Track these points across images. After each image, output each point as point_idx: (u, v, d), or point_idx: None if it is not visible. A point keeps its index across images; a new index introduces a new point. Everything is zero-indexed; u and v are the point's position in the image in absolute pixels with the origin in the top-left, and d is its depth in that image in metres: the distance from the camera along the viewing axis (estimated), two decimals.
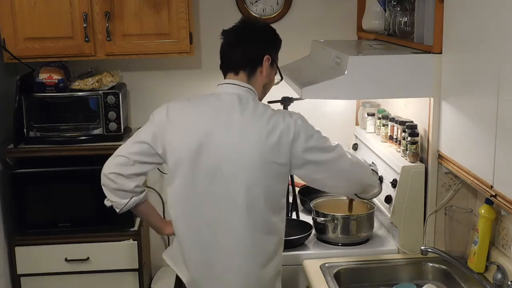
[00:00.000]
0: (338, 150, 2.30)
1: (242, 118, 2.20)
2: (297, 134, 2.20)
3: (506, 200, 1.99)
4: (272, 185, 2.21)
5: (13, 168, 3.30)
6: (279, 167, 2.19)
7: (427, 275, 2.61)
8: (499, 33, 1.99)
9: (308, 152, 2.22)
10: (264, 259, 2.26)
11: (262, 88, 2.35)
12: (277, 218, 2.27)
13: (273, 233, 2.27)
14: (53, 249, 3.33)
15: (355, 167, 2.36)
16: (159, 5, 3.24)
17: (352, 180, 2.39)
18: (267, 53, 2.31)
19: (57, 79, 3.28)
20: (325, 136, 2.29)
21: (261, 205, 2.20)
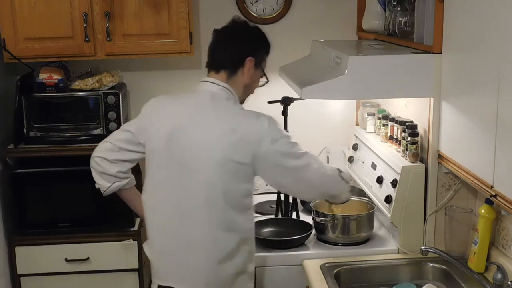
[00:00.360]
0: (305, 158, 2.31)
1: (209, 115, 2.28)
2: (261, 136, 2.24)
3: (506, 200, 1.99)
4: (232, 183, 2.25)
5: (13, 168, 3.30)
6: (240, 166, 2.23)
7: (427, 275, 2.61)
8: (499, 33, 1.99)
9: (272, 155, 2.24)
10: (222, 255, 2.29)
11: (243, 88, 2.40)
12: (241, 217, 2.30)
13: (234, 231, 2.30)
14: (53, 249, 3.33)
15: (321, 177, 2.38)
16: (159, 5, 3.24)
17: (317, 189, 2.43)
18: (250, 54, 2.36)
19: (57, 79, 3.28)
20: (294, 142, 2.31)
21: (220, 201, 2.25)
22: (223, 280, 2.32)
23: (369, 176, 3.00)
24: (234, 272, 2.33)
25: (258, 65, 2.40)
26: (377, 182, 2.85)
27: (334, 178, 2.44)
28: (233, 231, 2.30)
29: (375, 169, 2.94)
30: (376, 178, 2.87)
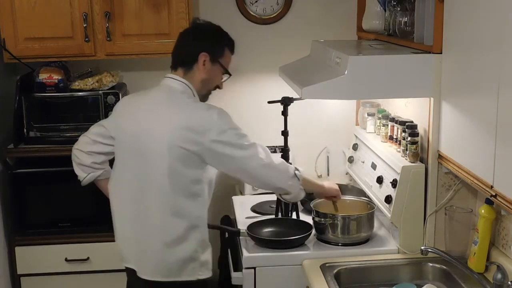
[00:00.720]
0: (251, 149, 2.44)
1: (164, 107, 2.46)
2: (209, 126, 2.38)
3: (506, 200, 1.99)
4: (180, 169, 2.39)
5: (13, 168, 3.30)
6: (187, 153, 2.37)
7: (427, 275, 2.61)
8: (499, 33, 1.99)
9: (218, 145, 2.38)
10: (170, 240, 2.42)
11: (200, 83, 2.52)
12: (189, 203, 2.43)
13: (182, 217, 2.42)
14: (53, 249, 3.34)
15: (265, 168, 2.48)
16: (159, 5, 3.24)
17: (261, 180, 2.53)
18: (203, 50, 2.49)
19: (57, 79, 3.28)
20: (241, 134, 2.44)
21: (167, 186, 2.39)
22: (171, 264, 2.44)
23: (369, 176, 3.00)
24: (182, 258, 2.43)
25: (215, 60, 2.52)
26: (377, 182, 2.85)
27: (281, 172, 2.53)
28: (181, 216, 2.42)
29: (375, 169, 2.94)
30: (376, 178, 2.87)
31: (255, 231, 2.83)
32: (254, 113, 3.64)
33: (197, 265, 2.47)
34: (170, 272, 2.45)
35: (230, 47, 2.59)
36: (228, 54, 2.58)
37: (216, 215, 3.18)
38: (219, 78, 2.59)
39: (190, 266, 2.45)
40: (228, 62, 2.59)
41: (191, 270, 2.46)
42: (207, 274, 2.51)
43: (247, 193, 3.46)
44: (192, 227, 2.44)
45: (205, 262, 2.49)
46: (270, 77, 3.55)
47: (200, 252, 2.47)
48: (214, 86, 2.60)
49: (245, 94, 3.64)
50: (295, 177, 2.57)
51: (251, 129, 3.57)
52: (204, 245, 2.50)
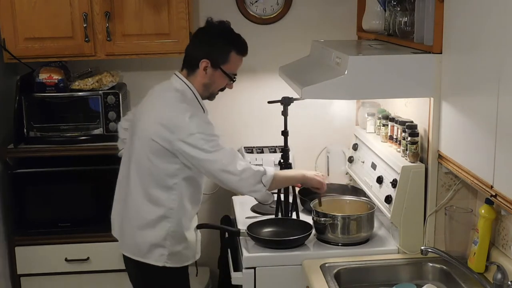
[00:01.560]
0: (215, 154, 2.53)
1: (154, 102, 2.66)
2: (179, 127, 2.52)
3: (506, 200, 1.99)
4: (155, 161, 2.57)
5: (13, 168, 3.30)
6: (161, 148, 2.55)
7: (427, 275, 2.61)
8: (499, 33, 1.99)
9: (186, 145, 2.52)
10: (141, 223, 2.63)
11: (202, 86, 2.65)
12: (163, 194, 2.60)
13: (156, 205, 2.61)
14: (53, 249, 3.34)
15: (227, 174, 2.56)
16: (159, 5, 3.24)
17: (225, 184, 2.61)
18: (204, 57, 2.61)
19: (57, 79, 3.28)
20: (209, 139, 2.53)
21: (145, 174, 2.61)
22: (140, 245, 2.64)
23: (369, 176, 3.00)
24: (150, 242, 2.62)
25: (217, 66, 2.62)
26: (377, 182, 2.85)
27: (244, 179, 2.57)
28: (154, 205, 2.61)
29: (375, 169, 2.94)
30: (376, 178, 2.87)
31: (255, 231, 2.83)
32: (254, 113, 3.65)
33: (165, 252, 2.62)
34: (139, 252, 2.65)
35: (238, 50, 2.65)
36: (234, 59, 2.64)
37: (216, 215, 3.18)
38: (222, 82, 2.68)
39: (158, 252, 2.62)
40: (234, 66, 2.67)
41: (158, 256, 2.63)
42: (175, 264, 2.66)
43: None
44: (163, 217, 2.61)
45: (176, 253, 2.64)
46: (270, 77, 3.55)
47: (169, 242, 2.62)
48: (219, 88, 2.70)
49: (245, 94, 3.64)
50: (259, 183, 2.60)
51: (251, 129, 3.61)
52: (175, 236, 2.63)
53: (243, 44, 2.68)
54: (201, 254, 2.81)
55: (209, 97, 2.72)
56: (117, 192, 2.80)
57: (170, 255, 2.63)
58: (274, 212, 3.06)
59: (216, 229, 2.97)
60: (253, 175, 2.59)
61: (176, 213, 2.62)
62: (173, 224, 2.62)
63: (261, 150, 3.52)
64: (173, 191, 2.61)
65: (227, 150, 2.57)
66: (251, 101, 3.65)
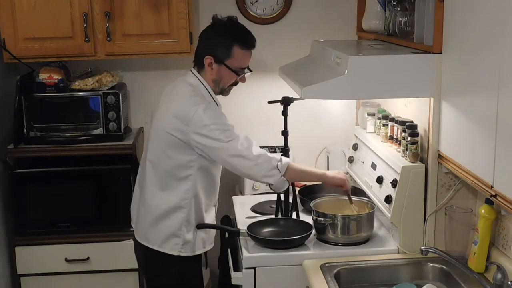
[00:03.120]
0: (230, 143, 2.59)
1: (169, 97, 2.74)
2: (194, 119, 2.57)
3: (506, 200, 1.99)
4: (169, 152, 2.64)
5: (13, 168, 3.30)
6: (176, 140, 2.61)
7: (427, 275, 2.61)
8: (499, 33, 1.99)
9: (200, 136, 2.58)
10: (156, 213, 2.70)
11: (212, 82, 2.71)
12: (176, 185, 2.66)
13: (170, 195, 2.68)
14: (53, 249, 3.34)
15: (243, 159, 2.61)
16: (159, 5, 3.24)
17: (240, 170, 2.67)
18: (208, 54, 2.67)
19: (57, 79, 3.28)
20: (223, 129, 2.59)
21: (160, 166, 2.68)
22: (156, 235, 2.71)
23: (369, 176, 3.00)
24: (165, 232, 2.69)
25: (221, 62, 2.66)
26: (377, 182, 2.85)
27: (259, 164, 2.62)
28: (170, 195, 2.68)
29: (375, 169, 2.94)
30: (376, 178, 2.87)
31: (255, 231, 2.83)
32: (254, 113, 3.65)
33: (179, 241, 2.69)
34: (155, 241, 2.71)
35: (241, 45, 2.67)
36: (238, 54, 2.67)
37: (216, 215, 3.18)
38: (230, 77, 2.71)
39: (173, 241, 2.69)
40: (239, 61, 2.69)
41: (173, 245, 2.69)
42: (189, 252, 2.71)
43: (247, 193, 3.46)
44: (178, 207, 2.68)
45: (188, 241, 2.70)
46: (270, 77, 3.55)
47: (184, 231, 2.69)
48: (229, 84, 2.73)
49: (245, 94, 3.64)
50: (275, 169, 2.64)
51: (251, 129, 3.61)
52: (189, 226, 2.70)
53: (247, 38, 2.70)
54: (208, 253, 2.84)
55: (222, 92, 2.76)
56: (136, 183, 2.89)
57: (184, 244, 2.70)
58: (274, 212, 3.06)
59: (216, 229, 2.97)
60: (268, 160, 2.64)
61: (190, 203, 2.68)
62: (186, 214, 2.68)
63: None
64: (187, 182, 2.66)
65: (242, 138, 2.62)
66: (251, 101, 3.65)
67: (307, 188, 3.28)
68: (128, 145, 3.32)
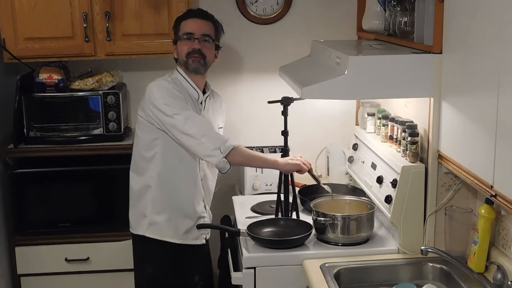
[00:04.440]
0: (176, 117, 2.73)
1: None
2: (150, 95, 2.79)
3: (506, 200, 1.99)
4: (138, 133, 2.86)
5: (13, 168, 3.30)
6: (141, 119, 2.84)
7: (427, 275, 2.61)
8: (499, 33, 1.99)
9: (153, 109, 2.76)
10: (132, 195, 2.90)
11: (178, 64, 2.93)
12: (146, 164, 2.84)
13: (141, 175, 2.86)
14: (53, 249, 3.34)
15: (184, 135, 2.74)
16: (159, 5, 3.24)
17: (186, 147, 2.79)
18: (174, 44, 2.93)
19: (57, 79, 3.28)
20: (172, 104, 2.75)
21: (135, 149, 2.90)
22: (132, 218, 2.90)
23: (369, 176, 3.00)
24: (137, 212, 2.87)
25: (175, 42, 2.91)
26: (377, 182, 2.85)
27: (202, 143, 2.73)
28: (140, 175, 2.86)
29: (375, 169, 2.94)
30: (376, 178, 2.87)
31: (255, 231, 2.83)
32: (254, 113, 3.65)
33: (146, 221, 2.84)
34: (133, 225, 2.91)
35: (184, 17, 2.89)
36: (183, 25, 2.87)
37: (216, 215, 3.18)
38: (182, 47, 2.86)
39: (141, 222, 2.86)
40: (184, 29, 2.86)
41: (141, 225, 2.86)
42: (156, 235, 2.83)
43: (247, 193, 3.46)
44: (146, 186, 2.83)
45: (154, 222, 2.83)
46: (270, 77, 3.55)
47: (150, 211, 2.83)
48: (185, 53, 2.84)
49: (245, 94, 3.64)
50: (217, 150, 2.73)
51: (251, 129, 3.61)
52: (156, 206, 2.83)
53: (192, 11, 2.94)
54: None
55: (187, 67, 2.87)
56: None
57: (151, 225, 2.83)
58: (274, 212, 3.06)
59: (216, 229, 2.97)
60: (212, 140, 2.75)
61: (156, 182, 2.82)
62: (154, 193, 2.82)
63: (261, 150, 3.52)
64: (153, 161, 2.82)
65: (188, 115, 2.75)
66: (251, 101, 3.65)
67: (307, 188, 3.28)
68: (128, 145, 3.31)
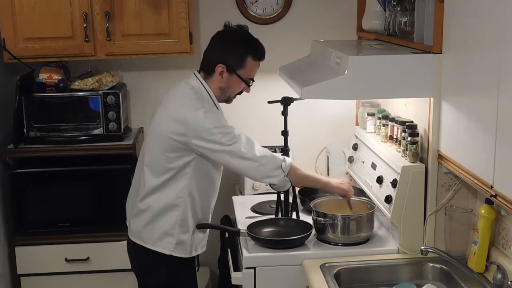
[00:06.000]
0: (233, 146, 2.60)
1: (171, 99, 2.70)
2: (196, 123, 2.57)
3: (506, 200, 1.99)
4: (167, 154, 2.63)
5: (13, 168, 3.30)
6: (175, 143, 2.60)
7: (427, 275, 2.61)
8: (499, 33, 1.99)
9: (202, 140, 2.58)
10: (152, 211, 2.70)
11: (219, 90, 2.70)
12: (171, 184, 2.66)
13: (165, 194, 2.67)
14: (53, 249, 3.34)
15: (244, 160, 2.62)
16: (159, 5, 3.24)
17: (240, 171, 2.72)
18: (220, 62, 2.65)
19: (57, 79, 3.28)
20: (225, 132, 2.60)
21: (157, 165, 2.67)
22: (149, 233, 2.71)
23: (369, 176, 3.00)
24: (159, 230, 2.68)
25: (233, 71, 2.66)
26: (377, 182, 2.85)
27: (262, 165, 2.64)
28: (165, 193, 2.67)
29: (375, 169, 2.94)
30: (376, 178, 2.87)
31: (255, 231, 2.83)
32: (254, 113, 3.65)
33: (173, 241, 2.68)
34: (149, 240, 2.70)
35: (254, 56, 2.69)
36: (250, 64, 2.69)
37: (216, 215, 3.17)
38: (238, 87, 2.73)
39: (166, 241, 2.68)
40: (250, 71, 2.70)
41: (166, 244, 2.69)
42: (182, 253, 2.70)
43: (247, 193, 3.46)
44: (172, 205, 2.67)
45: (182, 241, 2.69)
46: (270, 77, 3.54)
47: (178, 231, 2.68)
48: (235, 93, 2.75)
49: (245, 94, 3.63)
50: (279, 169, 2.66)
51: (251, 129, 3.60)
52: (183, 225, 2.69)
53: (260, 49, 2.71)
54: (201, 254, 2.82)
55: (226, 100, 2.77)
56: (132, 182, 2.90)
57: (177, 244, 2.69)
58: (274, 212, 3.06)
59: (216, 229, 2.97)
60: (272, 161, 2.66)
61: (185, 201, 2.67)
62: (182, 213, 2.68)
63: None
64: (183, 180, 2.66)
65: (244, 139, 2.63)
66: (251, 101, 3.64)
67: (307, 188, 3.28)
68: (128, 145, 3.32)
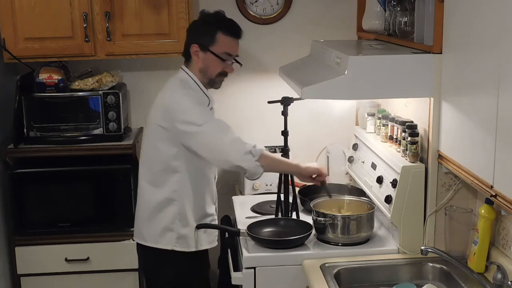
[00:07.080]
0: (204, 126, 2.61)
1: (162, 92, 2.76)
2: (174, 106, 2.64)
3: (506, 200, 1.99)
4: (158, 144, 2.68)
5: (13, 168, 3.30)
6: (164, 131, 2.65)
7: (427, 275, 2.61)
8: (499, 33, 1.99)
9: (180, 123, 2.62)
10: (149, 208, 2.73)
11: (198, 72, 2.74)
12: (167, 176, 2.69)
13: (161, 188, 2.71)
14: (53, 249, 3.34)
15: (217, 144, 2.64)
16: (159, 5, 3.24)
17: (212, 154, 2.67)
18: (193, 42, 2.72)
19: (57, 79, 3.28)
20: (197, 112, 2.64)
21: (151, 160, 2.73)
22: (150, 231, 2.73)
23: (369, 176, 3.00)
24: (159, 226, 2.71)
25: (206, 49, 2.70)
26: (377, 182, 2.85)
27: (233, 150, 2.64)
28: (160, 188, 2.70)
29: (375, 169, 2.94)
30: (376, 178, 2.87)
31: (255, 231, 2.83)
32: (254, 113, 3.65)
33: (173, 235, 2.70)
34: (150, 238, 2.74)
35: (224, 30, 2.70)
36: (222, 39, 2.69)
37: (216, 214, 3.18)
38: (216, 65, 2.72)
39: (167, 236, 2.71)
40: (224, 47, 2.70)
41: (168, 239, 2.71)
42: (184, 247, 2.72)
43: (247, 193, 3.46)
44: (169, 199, 2.70)
45: (183, 236, 2.71)
46: (270, 77, 3.55)
47: (177, 225, 2.70)
48: (217, 72, 2.73)
49: (245, 94, 3.64)
50: (249, 154, 2.65)
51: (251, 129, 3.61)
52: (183, 219, 2.71)
53: (230, 25, 2.74)
54: None
55: (211, 84, 2.77)
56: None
57: (178, 238, 2.71)
58: (274, 212, 3.06)
59: (216, 229, 2.97)
60: (243, 145, 2.66)
61: (181, 195, 2.70)
62: (179, 207, 2.70)
63: None
64: (176, 174, 2.69)
65: (218, 121, 2.67)
66: (251, 101, 3.65)
67: (307, 188, 3.28)
68: (128, 145, 3.32)
